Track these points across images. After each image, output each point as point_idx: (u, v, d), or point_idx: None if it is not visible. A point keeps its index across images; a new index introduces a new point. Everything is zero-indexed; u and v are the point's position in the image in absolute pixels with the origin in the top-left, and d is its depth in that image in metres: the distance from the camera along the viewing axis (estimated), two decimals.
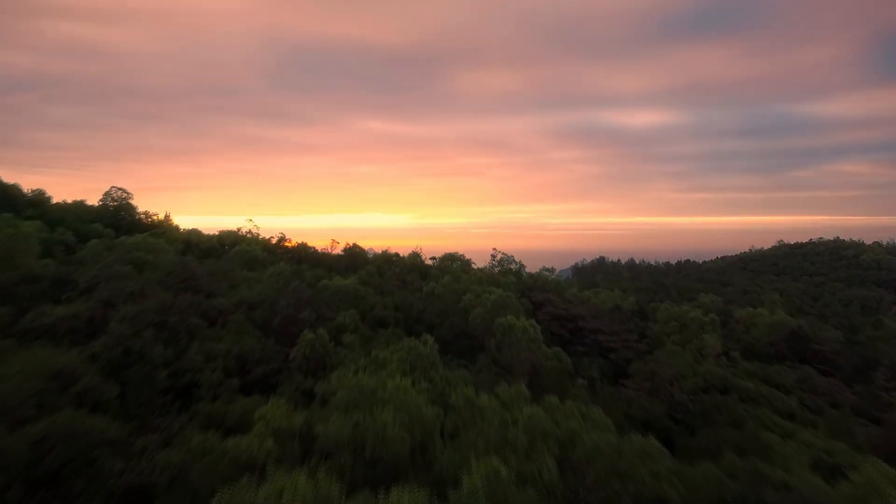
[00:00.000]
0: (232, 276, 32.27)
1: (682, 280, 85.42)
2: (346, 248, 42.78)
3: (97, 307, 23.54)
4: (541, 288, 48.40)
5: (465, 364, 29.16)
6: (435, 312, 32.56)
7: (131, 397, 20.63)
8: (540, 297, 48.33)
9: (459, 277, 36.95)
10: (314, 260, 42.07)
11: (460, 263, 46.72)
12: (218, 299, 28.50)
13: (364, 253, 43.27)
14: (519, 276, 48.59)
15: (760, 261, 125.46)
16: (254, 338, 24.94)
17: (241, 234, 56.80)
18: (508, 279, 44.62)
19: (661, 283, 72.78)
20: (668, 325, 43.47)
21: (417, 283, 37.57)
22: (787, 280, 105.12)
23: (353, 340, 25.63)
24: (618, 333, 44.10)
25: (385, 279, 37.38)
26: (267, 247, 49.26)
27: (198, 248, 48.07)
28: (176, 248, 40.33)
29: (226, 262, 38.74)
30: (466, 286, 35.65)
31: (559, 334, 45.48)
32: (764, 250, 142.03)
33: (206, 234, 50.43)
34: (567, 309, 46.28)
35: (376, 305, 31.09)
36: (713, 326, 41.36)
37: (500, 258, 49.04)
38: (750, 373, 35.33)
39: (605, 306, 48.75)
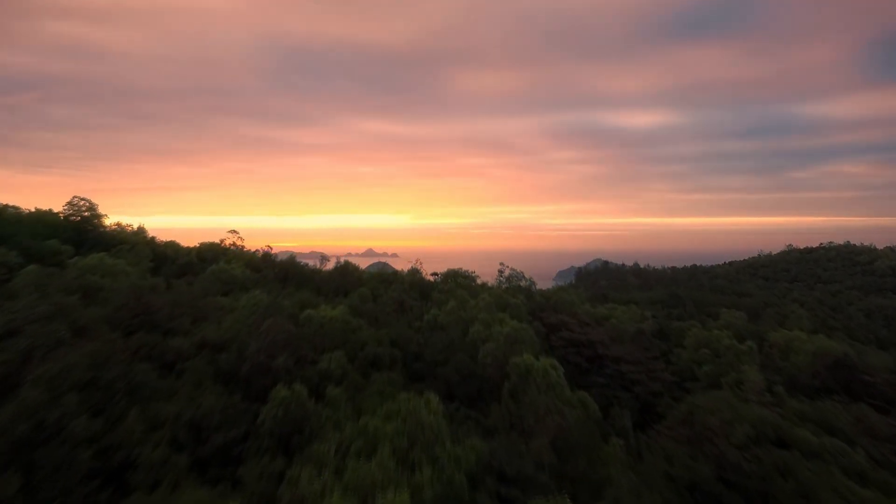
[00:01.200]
0: (198, 306, 27.22)
1: (697, 290, 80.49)
2: (338, 265, 37.65)
3: (13, 362, 18.54)
4: (554, 307, 43.46)
5: (475, 417, 24.23)
6: (438, 348, 27.58)
7: (41, 489, 15.69)
8: (554, 320, 43.35)
9: (465, 302, 31.91)
10: (301, 278, 37.04)
11: (465, 279, 41.72)
12: (177, 339, 23.45)
13: (357, 270, 38.17)
14: (529, 294, 43.58)
15: (771, 266, 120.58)
16: (214, 394, 19.93)
17: (224, 246, 51.84)
18: (519, 300, 39.62)
19: (676, 296, 67.81)
20: (698, 352, 38.53)
21: (417, 308, 32.61)
22: (802, 288, 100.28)
23: (338, 395, 20.61)
24: (642, 363, 39.06)
25: (380, 303, 32.44)
26: (252, 261, 44.21)
27: (174, 265, 42.98)
28: (143, 267, 35.30)
29: (199, 285, 33.69)
30: (474, 314, 30.69)
31: (576, 363, 40.51)
32: (773, 255, 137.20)
33: (184, 248, 45.32)
34: (585, 333, 41.27)
35: (369, 341, 26.09)
36: (751, 356, 36.45)
37: (509, 274, 44.14)
38: (801, 415, 30.32)
39: (625, 327, 43.81)
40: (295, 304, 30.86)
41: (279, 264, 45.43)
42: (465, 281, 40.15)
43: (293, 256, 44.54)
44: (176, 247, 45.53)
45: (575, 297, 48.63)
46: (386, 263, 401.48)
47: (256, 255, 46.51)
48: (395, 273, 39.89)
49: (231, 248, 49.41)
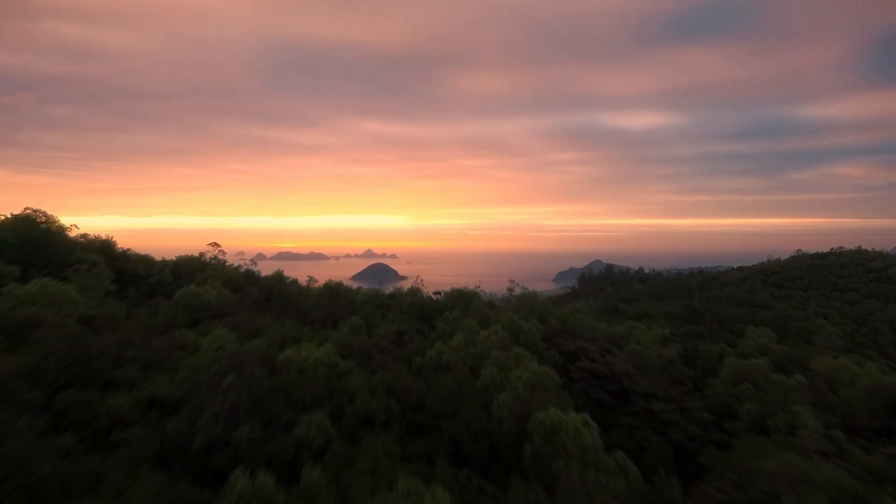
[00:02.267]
0: (154, 347, 22.33)
1: (714, 301, 75.76)
2: (329, 286, 32.66)
3: None
4: (571, 331, 38.68)
5: (490, 492, 19.45)
6: (443, 396, 22.80)
7: None
8: (572, 347, 38.45)
9: (474, 334, 27.00)
10: (285, 302, 32.13)
11: (472, 299, 36.86)
12: (118, 396, 18.58)
13: (349, 293, 33.11)
14: (543, 315, 38.73)
15: (782, 273, 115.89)
16: (151, 482, 15.14)
17: (205, 259, 46.88)
18: (532, 324, 34.77)
19: (694, 310, 63.03)
20: (737, 386, 33.74)
21: (419, 341, 27.76)
22: (817, 296, 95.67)
23: (316, 480, 15.78)
24: (675, 399, 34.21)
25: (375, 335, 27.61)
26: (232, 279, 39.25)
27: (144, 285, 38.04)
28: (101, 291, 30.36)
29: (164, 314, 28.75)
30: (485, 349, 25.88)
31: (599, 398, 35.64)
32: (783, 261, 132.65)
33: (157, 263, 40.38)
34: (607, 363, 36.47)
35: (360, 391, 21.29)
36: (802, 392, 31.69)
37: (521, 294, 39.39)
38: (874, 471, 25.62)
39: (650, 353, 39.01)
40: (274, 337, 25.97)
41: (262, 284, 40.54)
42: (473, 302, 35.27)
43: (280, 275, 39.54)
44: (148, 262, 40.57)
45: (589, 314, 43.80)
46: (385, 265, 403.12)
47: (239, 272, 41.60)
48: (392, 295, 34.98)
49: (211, 262, 44.49)
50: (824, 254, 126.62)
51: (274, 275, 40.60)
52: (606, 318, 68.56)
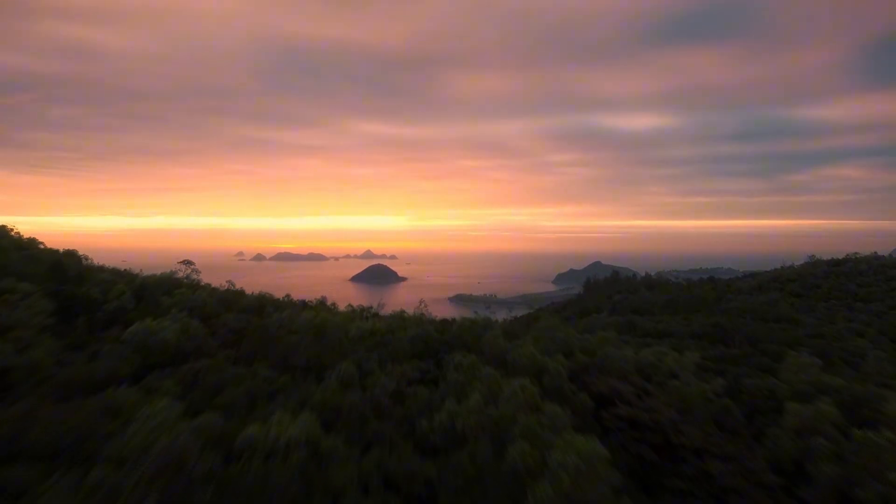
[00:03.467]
0: (67, 424, 16.59)
1: (733, 314, 70.13)
2: (313, 322, 26.73)
3: None
4: (600, 366, 32.97)
5: None
6: (458, 485, 17.14)
7: None
8: (603, 387, 32.49)
9: (494, 388, 21.18)
10: (262, 340, 26.23)
11: (485, 328, 31.11)
12: None
13: (340, 329, 27.15)
14: (568, 347, 33.00)
15: (799, 281, 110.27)
16: None
17: (178, 277, 41.02)
18: (557, 364, 29.06)
19: (722, 328, 57.41)
20: (812, 438, 28.11)
21: (424, 396, 21.99)
22: (839, 307, 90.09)
23: None
24: (735, 458, 28.53)
25: (370, 389, 21.87)
26: (204, 308, 33.43)
27: (101, 312, 32.14)
28: (34, 327, 24.36)
29: (106, 361, 22.88)
30: (510, 410, 20.11)
31: (639, 454, 29.84)
32: (797, 267, 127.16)
33: (118, 286, 34.50)
34: (647, 408, 30.69)
35: (348, 487, 15.62)
36: (893, 451, 26.11)
37: (543, 322, 33.75)
38: None
39: (692, 391, 33.35)
40: (239, 396, 20.19)
41: (243, 306, 34.73)
42: (489, 335, 29.49)
43: (262, 301, 33.67)
44: (109, 282, 34.74)
45: (617, 344, 38.16)
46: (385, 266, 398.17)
47: (215, 293, 35.71)
48: (391, 331, 29.23)
49: (184, 282, 38.63)
50: (840, 260, 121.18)
51: (255, 300, 34.82)
52: (624, 334, 62.95)
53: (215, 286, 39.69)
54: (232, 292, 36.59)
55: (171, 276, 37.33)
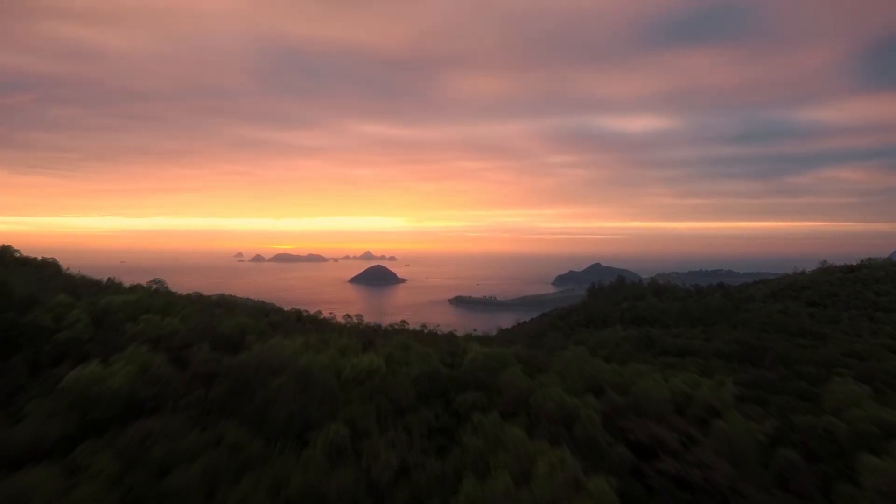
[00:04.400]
0: None
1: (753, 326, 65.53)
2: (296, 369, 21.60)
3: None
4: (635, 406, 27.98)
5: None
6: None
7: None
8: (642, 435, 27.53)
9: (527, 459, 16.28)
10: (236, 390, 21.28)
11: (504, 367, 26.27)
12: None
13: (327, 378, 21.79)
14: (597, 383, 28.22)
15: (813, 288, 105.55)
16: None
17: (149, 297, 36.07)
18: (589, 408, 24.29)
19: (749, 346, 52.73)
20: None
21: (434, 468, 17.24)
22: (860, 317, 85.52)
23: None
24: None
25: (366, 453, 17.12)
26: (174, 333, 28.55)
27: (49, 345, 27.33)
28: None
29: (31, 423, 18.07)
30: (547, 493, 15.33)
31: None
32: (809, 273, 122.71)
33: (75, 311, 29.64)
34: (696, 461, 25.74)
35: None
36: None
37: (569, 352, 28.87)
38: None
39: (739, 430, 28.49)
40: (194, 476, 15.46)
41: (223, 334, 29.87)
42: (508, 373, 24.69)
43: (241, 329, 28.65)
44: (65, 306, 29.85)
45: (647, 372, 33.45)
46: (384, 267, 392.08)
47: (187, 321, 30.63)
48: (392, 366, 24.49)
49: (153, 300, 33.59)
50: (855, 267, 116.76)
51: (235, 327, 29.78)
52: (642, 351, 58.32)
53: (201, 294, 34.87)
54: (210, 316, 31.78)
55: (142, 297, 32.52)
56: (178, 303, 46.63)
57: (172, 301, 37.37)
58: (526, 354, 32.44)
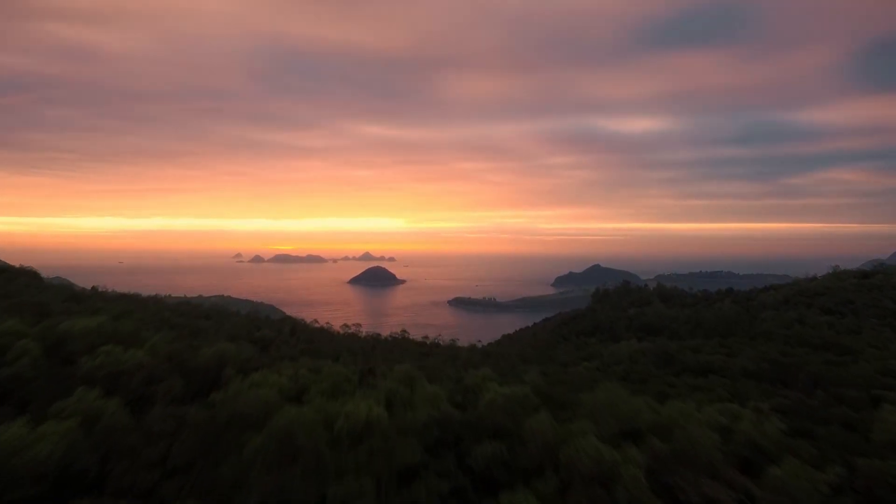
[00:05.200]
0: None
1: (784, 344, 61.46)
2: (276, 429, 17.06)
3: None
4: (683, 458, 23.83)
5: None
6: None
7: None
8: (693, 494, 23.23)
9: None
10: (201, 452, 16.97)
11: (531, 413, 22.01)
12: None
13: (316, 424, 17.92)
14: (634, 427, 24.04)
15: (828, 295, 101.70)
16: None
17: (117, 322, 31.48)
18: (633, 469, 20.04)
19: (780, 365, 48.62)
20: None
21: None
22: (881, 327, 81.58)
23: None
24: None
25: None
26: (138, 368, 24.25)
27: None
28: None
29: None
30: None
31: None
32: (820, 279, 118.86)
33: (27, 338, 25.36)
34: None
35: None
36: None
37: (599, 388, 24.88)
38: None
39: (801, 484, 24.58)
40: None
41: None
42: (534, 423, 20.43)
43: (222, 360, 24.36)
44: (14, 335, 25.47)
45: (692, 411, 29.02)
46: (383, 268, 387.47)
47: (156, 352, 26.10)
48: (395, 425, 20.26)
49: (119, 325, 28.87)
50: (869, 273, 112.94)
51: (213, 358, 25.47)
52: (660, 368, 54.22)
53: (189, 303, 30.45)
54: (184, 345, 27.42)
55: (106, 323, 28.04)
56: (158, 317, 42.42)
57: (147, 321, 33.08)
58: (547, 388, 28.18)
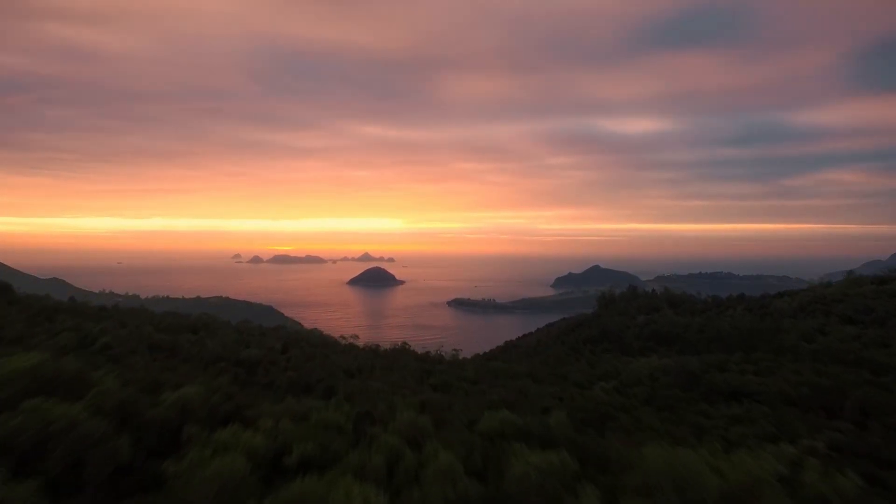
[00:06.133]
0: None
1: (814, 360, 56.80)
2: None
3: None
4: None
5: None
6: None
7: None
8: None
9: None
10: None
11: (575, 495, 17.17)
12: None
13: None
14: (701, 499, 19.36)
15: (846, 302, 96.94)
16: None
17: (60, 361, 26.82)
18: None
19: (820, 389, 43.74)
20: None
21: None
22: None
23: None
24: None
25: None
26: (73, 424, 19.66)
27: None
28: None
29: None
30: None
31: None
32: (835, 284, 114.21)
33: None
34: None
35: None
36: None
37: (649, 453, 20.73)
38: None
39: None
40: None
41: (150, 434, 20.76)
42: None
43: (187, 408, 20.40)
44: None
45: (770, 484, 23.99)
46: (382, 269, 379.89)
47: (108, 398, 21.74)
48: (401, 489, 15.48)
49: (63, 365, 24.51)
50: (886, 279, 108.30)
51: (170, 410, 20.88)
52: (687, 392, 49.59)
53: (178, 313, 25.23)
54: (142, 388, 22.55)
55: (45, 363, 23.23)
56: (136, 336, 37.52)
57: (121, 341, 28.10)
58: (581, 440, 23.10)
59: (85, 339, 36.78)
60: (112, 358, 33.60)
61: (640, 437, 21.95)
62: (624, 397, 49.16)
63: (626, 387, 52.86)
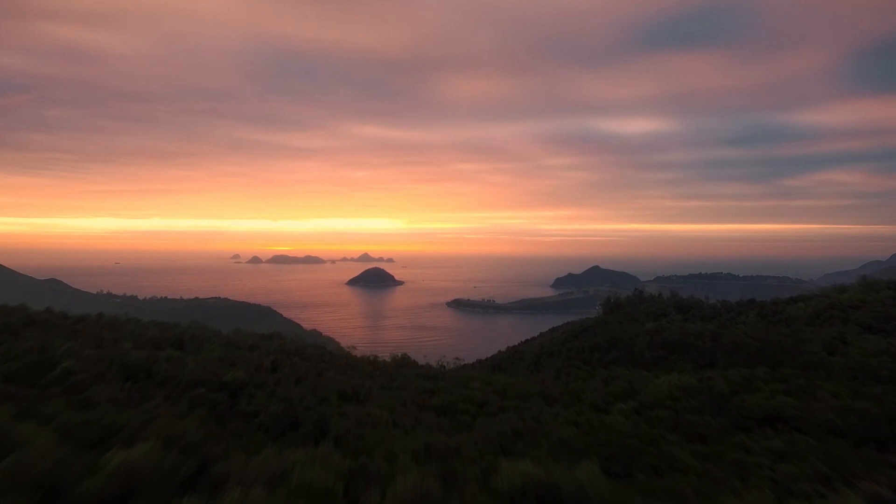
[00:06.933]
0: None
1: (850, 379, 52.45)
2: None
3: None
4: None
5: None
6: None
7: None
8: None
9: None
10: None
11: None
12: None
13: None
14: None
15: (864, 309, 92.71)
16: None
17: None
18: None
19: (868, 416, 39.05)
20: None
21: None
22: None
23: None
24: None
25: None
26: None
27: None
28: None
29: None
30: None
31: None
32: (850, 289, 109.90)
33: None
34: None
35: None
36: None
37: None
38: None
39: None
40: None
41: None
42: None
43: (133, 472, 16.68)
44: None
45: None
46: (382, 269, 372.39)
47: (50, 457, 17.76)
48: None
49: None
50: None
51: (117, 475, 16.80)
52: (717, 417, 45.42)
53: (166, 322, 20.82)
54: (92, 435, 18.29)
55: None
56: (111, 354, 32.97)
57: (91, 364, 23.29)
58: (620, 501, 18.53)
59: (43, 365, 32.14)
60: (71, 388, 28.87)
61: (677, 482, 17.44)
62: (647, 423, 44.29)
63: (647, 408, 48.13)
